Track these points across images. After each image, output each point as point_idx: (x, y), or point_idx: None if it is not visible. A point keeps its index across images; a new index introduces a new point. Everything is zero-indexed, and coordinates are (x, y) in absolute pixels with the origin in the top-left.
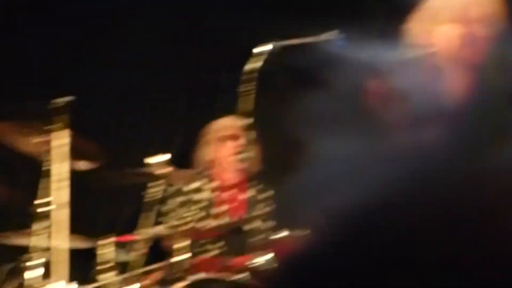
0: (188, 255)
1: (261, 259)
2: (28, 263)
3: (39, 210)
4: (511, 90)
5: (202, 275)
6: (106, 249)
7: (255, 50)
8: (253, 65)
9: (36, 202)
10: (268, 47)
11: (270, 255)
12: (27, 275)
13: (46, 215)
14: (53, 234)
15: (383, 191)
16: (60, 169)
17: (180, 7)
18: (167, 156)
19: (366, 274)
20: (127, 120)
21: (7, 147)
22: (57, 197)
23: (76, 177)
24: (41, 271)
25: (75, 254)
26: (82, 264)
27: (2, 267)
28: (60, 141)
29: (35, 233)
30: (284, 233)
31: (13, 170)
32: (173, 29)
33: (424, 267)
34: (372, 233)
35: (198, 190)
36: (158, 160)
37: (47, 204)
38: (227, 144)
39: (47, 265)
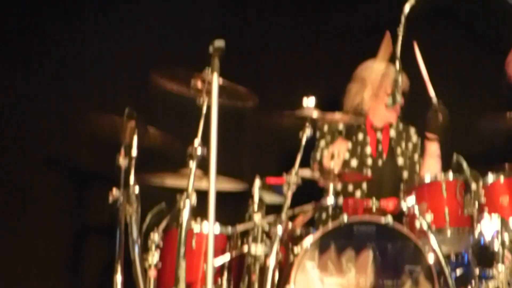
0: (335, 197)
1: (406, 203)
2: (180, 204)
3: (192, 152)
4: None
5: (347, 217)
6: (257, 191)
7: None
8: (410, 5)
9: (190, 145)
10: None
11: (412, 199)
12: (180, 215)
13: (198, 157)
14: (204, 176)
15: None
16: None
17: None
18: (316, 99)
19: None
20: (281, 62)
21: (164, 91)
22: (208, 139)
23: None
24: (191, 212)
25: (225, 196)
26: (232, 206)
27: (155, 207)
28: (212, 84)
29: (188, 174)
30: (428, 178)
31: (169, 113)
32: None
33: None
34: None
35: (348, 132)
36: (309, 102)
37: (199, 146)
38: (379, 90)
39: (196, 206)
